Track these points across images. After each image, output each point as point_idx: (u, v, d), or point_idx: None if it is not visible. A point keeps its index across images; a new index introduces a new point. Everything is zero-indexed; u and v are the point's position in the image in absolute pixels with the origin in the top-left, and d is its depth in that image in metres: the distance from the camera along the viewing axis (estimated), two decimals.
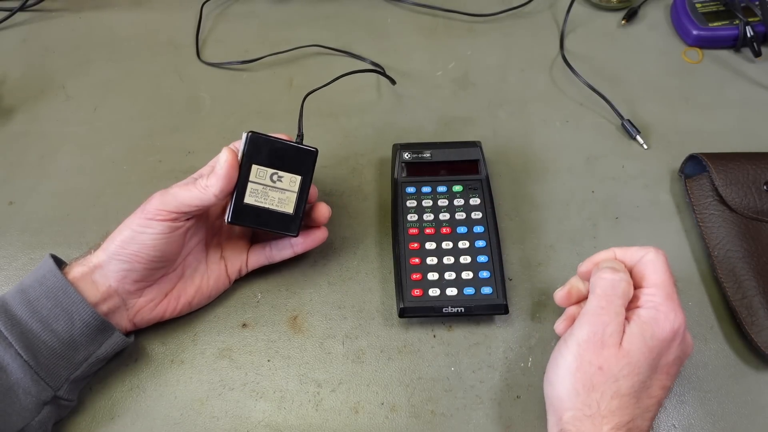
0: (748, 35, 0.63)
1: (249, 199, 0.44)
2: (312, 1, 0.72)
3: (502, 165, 0.56)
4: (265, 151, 0.44)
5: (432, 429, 0.43)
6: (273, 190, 0.44)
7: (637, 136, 0.58)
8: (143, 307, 0.44)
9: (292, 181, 0.44)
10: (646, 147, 0.57)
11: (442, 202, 0.50)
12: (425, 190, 0.51)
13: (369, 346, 0.47)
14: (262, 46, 0.67)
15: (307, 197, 0.45)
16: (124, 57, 0.67)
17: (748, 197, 0.50)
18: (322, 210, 0.47)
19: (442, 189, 0.51)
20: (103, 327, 0.41)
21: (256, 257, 0.48)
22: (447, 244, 0.48)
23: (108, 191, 0.55)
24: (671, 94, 0.62)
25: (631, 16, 0.69)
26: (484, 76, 0.64)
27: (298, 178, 0.45)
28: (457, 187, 0.51)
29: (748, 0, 0.66)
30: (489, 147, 0.54)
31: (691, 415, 0.43)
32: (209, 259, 0.47)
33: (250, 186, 0.43)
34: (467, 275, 0.47)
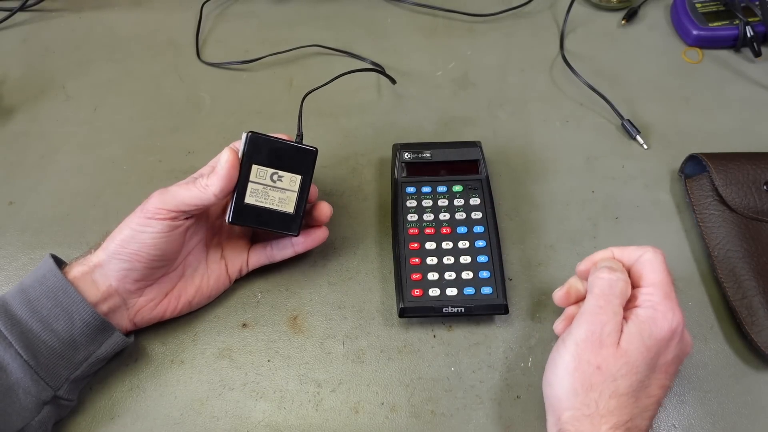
0: (748, 35, 0.63)
1: (249, 199, 0.44)
2: (312, 1, 0.72)
3: (502, 165, 0.56)
4: (265, 151, 0.44)
5: (432, 429, 0.43)
6: (273, 189, 0.44)
7: (637, 136, 0.58)
8: (143, 307, 0.44)
9: (292, 180, 0.44)
10: (646, 147, 0.57)
11: (442, 202, 0.50)
12: (425, 190, 0.51)
13: (369, 346, 0.47)
14: (262, 46, 0.67)
15: (307, 197, 0.45)
16: (124, 57, 0.67)
17: (748, 197, 0.50)
18: (324, 209, 0.47)
19: (442, 189, 0.51)
20: (103, 327, 0.41)
21: (257, 257, 0.48)
22: (447, 244, 0.48)
23: (108, 191, 0.55)
24: (671, 94, 0.62)
25: (631, 16, 0.69)
26: (484, 76, 0.64)
27: (299, 178, 0.45)
28: (457, 187, 0.51)
29: (748, 0, 0.66)
30: (489, 147, 0.54)
31: (691, 415, 0.44)
32: (209, 258, 0.47)
33: (250, 186, 0.43)
34: (467, 275, 0.47)
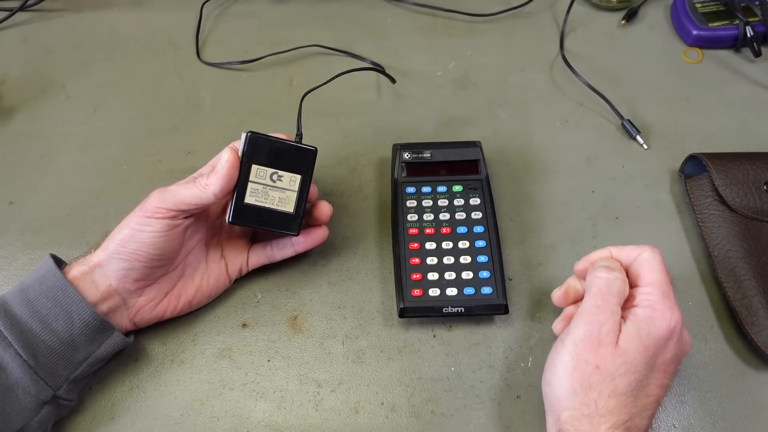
0: (748, 35, 0.63)
1: (249, 198, 0.44)
2: (312, 1, 0.72)
3: (502, 165, 0.56)
4: (264, 150, 0.44)
5: (432, 429, 0.43)
6: (273, 189, 0.44)
7: (637, 136, 0.58)
8: (143, 307, 0.44)
9: (292, 180, 0.44)
10: (646, 147, 0.57)
11: (442, 202, 0.50)
12: (425, 190, 0.51)
13: (369, 346, 0.47)
14: (262, 46, 0.67)
15: (307, 196, 0.45)
16: (124, 57, 0.67)
17: (748, 197, 0.50)
18: (324, 208, 0.47)
19: (442, 189, 0.51)
20: (102, 327, 0.41)
21: (257, 256, 0.48)
22: (447, 244, 0.48)
23: (108, 191, 0.55)
24: (671, 94, 0.62)
25: (631, 16, 0.69)
26: (484, 76, 0.64)
27: (298, 177, 0.45)
28: (457, 187, 0.51)
29: (748, 0, 0.66)
30: (489, 147, 0.54)
31: (691, 415, 0.43)
32: (209, 258, 0.47)
33: (250, 186, 0.43)
34: (467, 275, 0.47)
